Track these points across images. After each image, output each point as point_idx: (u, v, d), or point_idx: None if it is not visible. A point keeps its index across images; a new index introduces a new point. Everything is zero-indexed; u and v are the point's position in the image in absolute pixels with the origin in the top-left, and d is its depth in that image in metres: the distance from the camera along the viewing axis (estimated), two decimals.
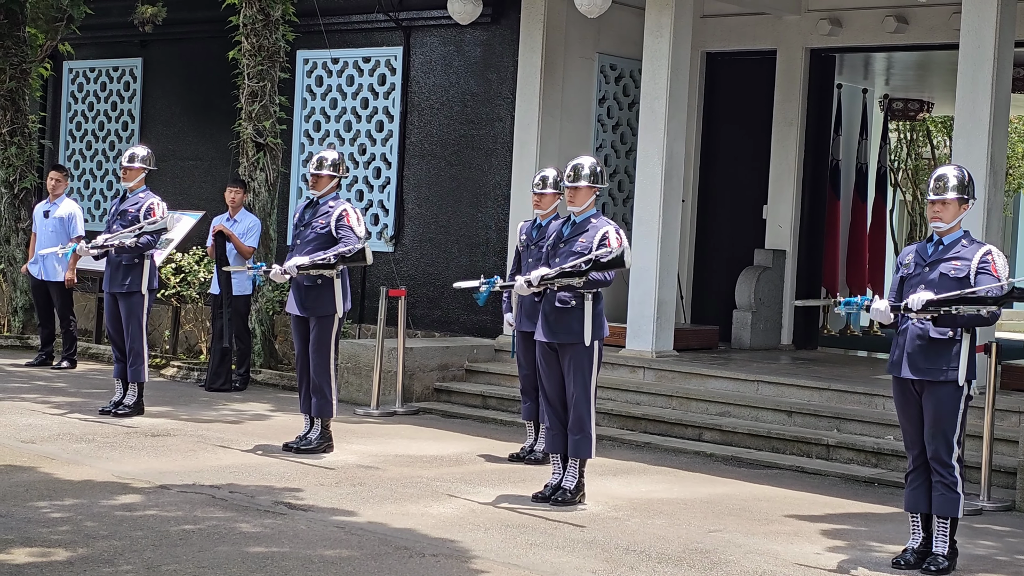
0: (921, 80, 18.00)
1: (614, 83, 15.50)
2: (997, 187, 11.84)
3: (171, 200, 14.64)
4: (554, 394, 9.17)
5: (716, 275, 15.75)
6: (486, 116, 15.27)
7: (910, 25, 14.27)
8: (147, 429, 11.19)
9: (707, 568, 7.59)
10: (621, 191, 15.64)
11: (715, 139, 15.85)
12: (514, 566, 7.41)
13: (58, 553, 7.12)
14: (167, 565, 7.01)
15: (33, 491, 8.61)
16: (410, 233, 15.84)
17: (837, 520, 9.06)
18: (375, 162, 16.16)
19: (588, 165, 9.14)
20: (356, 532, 7.98)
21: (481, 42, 15.35)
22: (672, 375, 12.91)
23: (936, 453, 7.72)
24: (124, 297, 11.73)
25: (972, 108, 11.70)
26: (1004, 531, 9.01)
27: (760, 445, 11.46)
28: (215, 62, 16.31)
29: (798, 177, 15.19)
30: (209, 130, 17.40)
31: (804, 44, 15.01)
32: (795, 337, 15.34)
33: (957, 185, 7.79)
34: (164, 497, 8.67)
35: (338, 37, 16.17)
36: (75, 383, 13.72)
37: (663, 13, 13.26)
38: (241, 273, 13.55)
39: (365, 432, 11.70)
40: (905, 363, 7.76)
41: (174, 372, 14.69)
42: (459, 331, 15.21)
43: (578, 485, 9.14)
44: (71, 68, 19.34)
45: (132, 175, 11.90)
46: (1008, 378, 11.72)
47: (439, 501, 8.99)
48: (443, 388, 13.49)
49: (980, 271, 7.67)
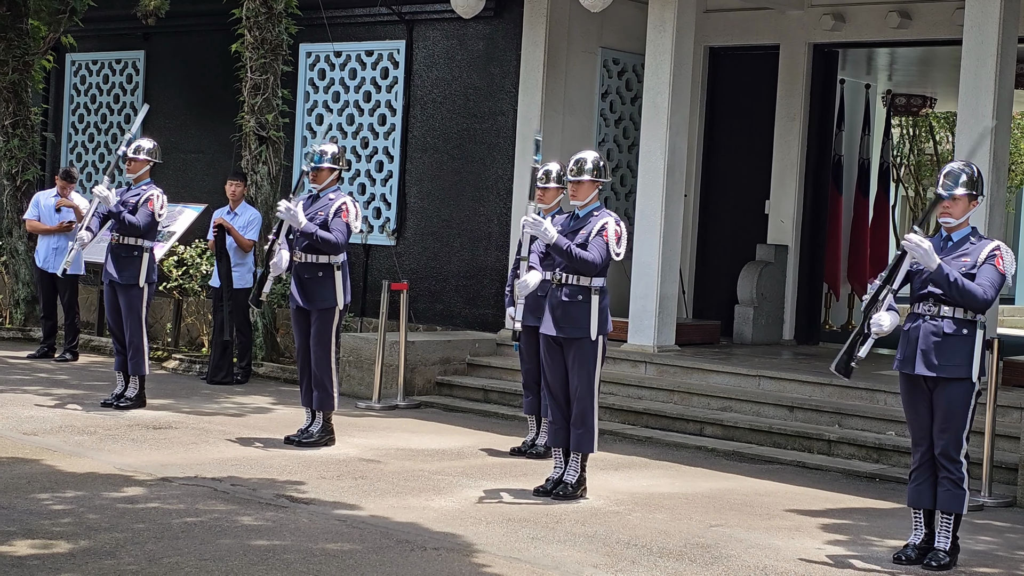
0: (924, 75, 18.00)
1: (617, 77, 15.49)
2: (1000, 183, 11.84)
3: (173, 193, 14.66)
4: (557, 388, 9.17)
5: (718, 270, 15.76)
6: (488, 110, 15.27)
7: (913, 20, 14.26)
8: (149, 422, 11.20)
9: (708, 563, 7.60)
10: (623, 186, 15.63)
11: (718, 134, 15.85)
12: (515, 560, 7.41)
13: (60, 545, 7.12)
14: (169, 558, 7.01)
15: (35, 483, 8.62)
16: (412, 227, 15.83)
17: (838, 515, 9.06)
18: (377, 155, 16.16)
19: (591, 159, 9.13)
20: (358, 525, 7.98)
21: (484, 36, 15.35)
22: (674, 370, 12.91)
23: (945, 449, 7.71)
24: (123, 290, 11.73)
25: (975, 104, 11.70)
26: (1005, 527, 9.01)
27: (761, 440, 11.47)
28: (218, 55, 16.31)
29: (800, 172, 15.19)
30: (211, 123, 17.40)
31: (807, 39, 15.01)
32: (797, 332, 15.34)
33: (967, 181, 7.77)
34: (166, 490, 8.67)
35: (341, 30, 16.16)
36: (77, 375, 13.72)
37: (666, 8, 13.25)
38: (242, 266, 13.56)
39: (367, 425, 11.71)
40: (920, 360, 7.72)
41: (176, 365, 14.69)
42: (461, 325, 15.21)
43: (580, 479, 9.14)
44: (74, 60, 19.34)
45: (137, 167, 11.88)
46: (1009, 374, 11.73)
47: (441, 495, 8.99)
48: (445, 382, 13.50)
49: (984, 265, 7.66)
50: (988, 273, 7.64)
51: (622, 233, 9.03)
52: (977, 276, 7.65)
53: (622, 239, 9.03)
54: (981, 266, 7.67)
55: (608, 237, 8.95)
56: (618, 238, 8.99)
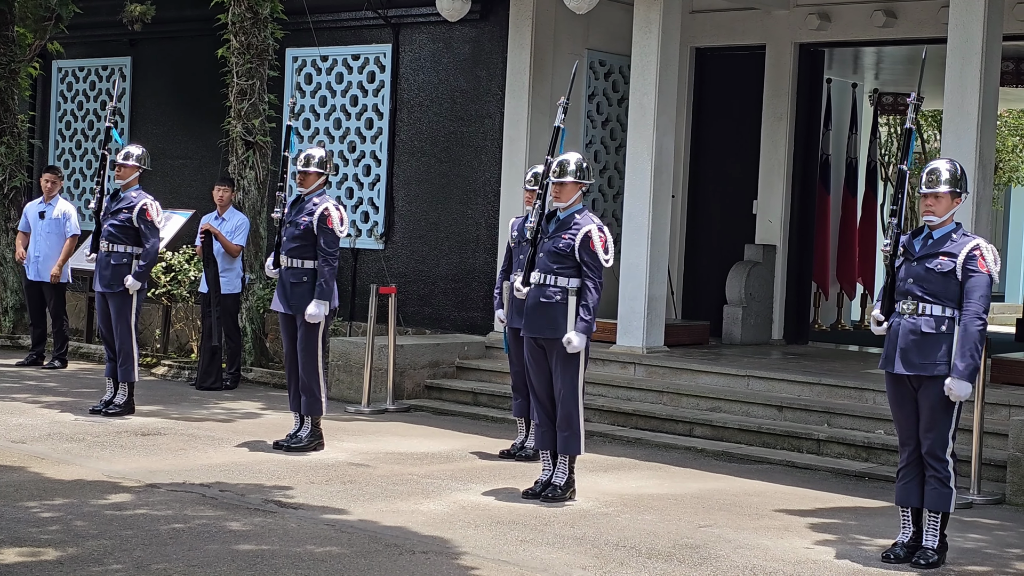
0: (910, 74, 18.01)
1: (603, 79, 15.50)
2: (986, 181, 11.85)
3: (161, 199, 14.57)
4: (542, 391, 9.17)
5: (706, 270, 15.76)
6: (475, 113, 15.27)
7: (899, 19, 14.28)
8: (137, 428, 11.19)
9: (697, 563, 7.60)
10: (611, 187, 15.64)
11: (705, 134, 15.86)
12: (504, 562, 7.41)
13: (48, 553, 7.11)
14: (157, 564, 7.00)
15: (23, 491, 8.60)
16: (400, 230, 15.83)
17: (827, 514, 9.07)
18: (365, 159, 16.15)
19: (574, 161, 9.11)
20: (346, 530, 7.98)
21: (470, 39, 15.35)
22: (663, 371, 12.91)
23: (931, 448, 7.73)
24: (113, 297, 11.72)
25: (960, 102, 11.72)
26: (993, 524, 9.02)
27: (751, 440, 11.47)
28: (204, 60, 16.29)
29: (788, 172, 15.20)
30: (198, 128, 17.37)
31: (793, 39, 15.03)
32: (786, 332, 15.35)
33: (949, 179, 7.78)
34: (154, 496, 8.66)
35: (327, 35, 16.16)
36: (66, 383, 13.70)
37: (652, 9, 13.26)
38: (230, 271, 13.56)
39: (356, 430, 11.70)
40: (898, 359, 7.75)
41: (165, 371, 14.67)
42: (450, 328, 15.21)
43: (568, 481, 9.14)
44: (60, 67, 19.32)
45: (126, 173, 11.88)
46: (997, 372, 11.73)
47: (430, 498, 8.99)
48: (434, 385, 13.49)
49: (967, 269, 7.65)
50: (975, 288, 7.62)
51: (607, 239, 9.01)
52: (966, 294, 7.64)
53: (608, 246, 9.01)
54: (964, 269, 7.66)
55: (595, 248, 8.94)
56: (604, 246, 8.98)
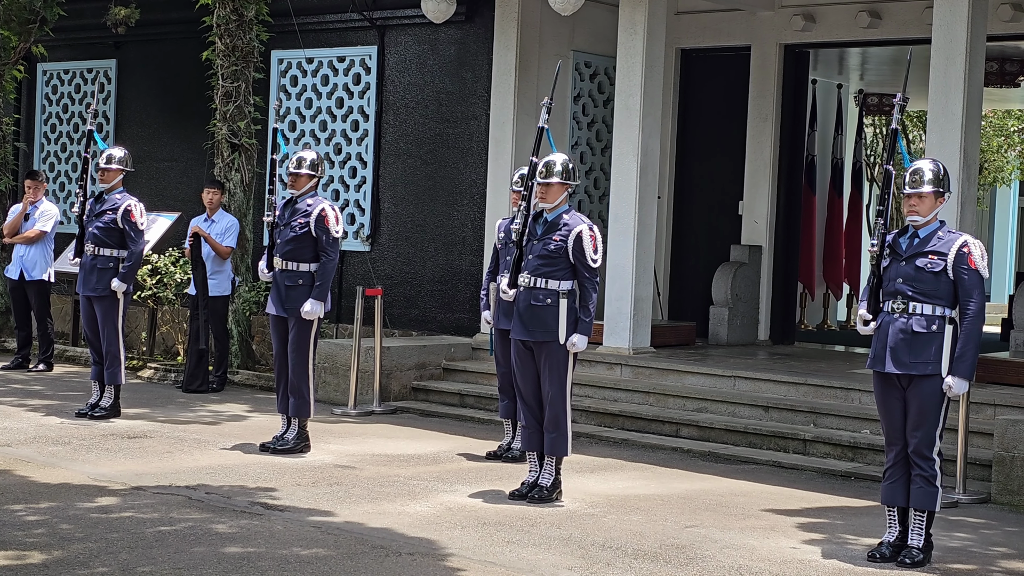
0: (895, 75, 18.04)
1: (589, 80, 15.51)
2: (970, 181, 11.88)
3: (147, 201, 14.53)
4: (529, 392, 9.17)
5: (693, 271, 15.77)
6: (461, 115, 15.26)
7: (883, 20, 14.31)
8: (123, 431, 11.17)
9: (683, 563, 7.61)
10: (597, 188, 15.64)
11: (690, 135, 15.87)
12: (491, 564, 7.41)
13: (33, 556, 7.10)
14: (142, 567, 6.99)
15: (8, 494, 8.58)
16: (386, 232, 15.82)
17: (813, 514, 9.08)
18: (351, 162, 16.13)
19: (560, 162, 9.13)
20: (332, 532, 7.97)
21: (455, 41, 15.34)
22: (649, 371, 12.92)
23: (918, 447, 7.75)
24: (99, 300, 11.70)
25: (945, 102, 11.75)
26: (979, 523, 9.04)
27: (737, 440, 11.48)
28: (189, 63, 16.27)
29: (773, 173, 15.21)
30: (184, 131, 17.34)
31: (778, 40, 15.05)
32: (772, 332, 15.36)
33: (933, 179, 7.81)
34: (140, 499, 8.65)
35: (312, 37, 16.14)
36: (52, 386, 13.67)
37: (637, 10, 13.27)
38: (220, 273, 13.55)
39: (342, 432, 11.69)
40: (888, 358, 7.77)
41: (151, 374, 14.65)
42: (436, 330, 15.20)
43: (555, 482, 9.14)
44: (45, 70, 19.27)
45: (110, 176, 11.88)
46: (983, 371, 11.73)
47: (416, 500, 8.99)
48: (421, 387, 13.48)
49: (959, 268, 7.67)
50: (973, 286, 7.65)
51: (598, 239, 9.05)
52: (965, 293, 7.66)
53: (598, 245, 9.06)
54: (955, 268, 7.68)
55: (585, 248, 8.96)
56: (595, 246, 9.01)
